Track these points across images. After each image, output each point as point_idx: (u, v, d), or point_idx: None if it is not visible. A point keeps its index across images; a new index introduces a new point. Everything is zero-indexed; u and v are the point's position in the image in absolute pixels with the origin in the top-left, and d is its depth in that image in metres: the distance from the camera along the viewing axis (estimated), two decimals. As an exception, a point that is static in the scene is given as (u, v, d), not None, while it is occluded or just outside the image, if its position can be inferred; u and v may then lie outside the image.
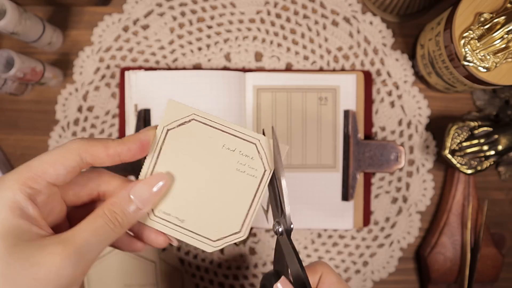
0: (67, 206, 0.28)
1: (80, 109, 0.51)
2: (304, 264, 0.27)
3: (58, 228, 0.26)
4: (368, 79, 0.50)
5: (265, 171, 0.28)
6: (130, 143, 0.27)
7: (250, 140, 0.28)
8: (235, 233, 0.28)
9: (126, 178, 0.29)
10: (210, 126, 0.28)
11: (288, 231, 0.28)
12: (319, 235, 0.52)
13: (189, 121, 0.28)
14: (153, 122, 0.47)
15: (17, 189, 0.24)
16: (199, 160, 0.28)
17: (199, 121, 0.28)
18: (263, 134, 0.29)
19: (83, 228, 0.25)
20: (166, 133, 0.28)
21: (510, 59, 0.39)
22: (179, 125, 0.28)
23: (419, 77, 0.51)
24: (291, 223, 0.28)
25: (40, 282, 0.22)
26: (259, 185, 0.28)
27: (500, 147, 0.46)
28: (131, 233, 0.30)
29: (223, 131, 0.28)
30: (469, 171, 0.47)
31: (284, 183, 0.27)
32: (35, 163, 0.25)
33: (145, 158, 0.28)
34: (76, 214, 0.28)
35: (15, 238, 0.23)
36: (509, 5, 0.39)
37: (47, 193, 0.25)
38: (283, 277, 0.27)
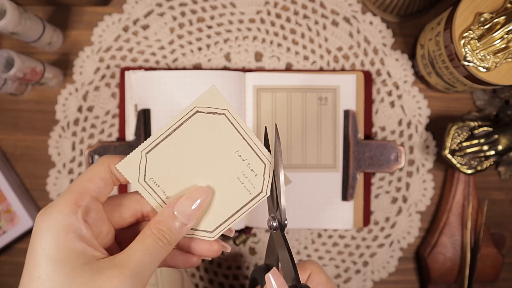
0: (114, 229, 0.29)
1: (80, 109, 0.51)
2: (296, 261, 0.27)
3: (108, 251, 0.27)
4: (368, 79, 0.50)
5: (261, 192, 0.29)
6: None
7: (262, 158, 0.28)
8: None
9: None
10: (235, 127, 0.28)
11: (282, 226, 0.28)
12: (319, 235, 0.52)
13: (220, 114, 0.28)
14: (153, 122, 0.47)
15: (68, 211, 0.25)
16: (208, 153, 0.28)
17: (228, 118, 0.28)
18: (265, 131, 0.29)
19: (135, 249, 0.25)
20: (195, 113, 0.28)
21: (510, 59, 0.39)
22: (209, 112, 0.28)
23: (419, 77, 0.51)
24: (286, 219, 0.28)
25: None
26: (249, 202, 0.29)
27: (500, 147, 0.46)
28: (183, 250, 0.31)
29: (243, 138, 0.28)
30: (469, 171, 0.47)
31: (282, 178, 0.28)
32: (76, 184, 0.26)
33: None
34: (124, 236, 0.29)
35: (72, 262, 0.24)
36: (509, 5, 0.39)
37: (95, 209, 0.26)
38: (274, 268, 0.27)
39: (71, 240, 0.24)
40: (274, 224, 0.29)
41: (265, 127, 0.29)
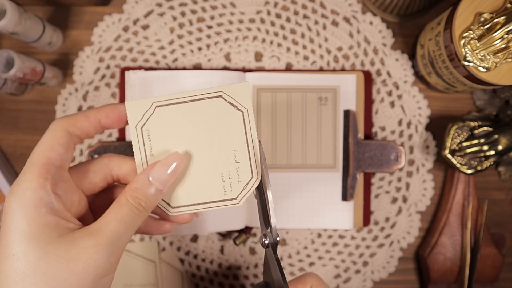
0: (86, 196, 0.28)
1: (80, 109, 0.51)
2: (297, 268, 0.27)
3: (83, 220, 0.27)
4: (368, 79, 0.50)
5: (234, 199, 0.29)
6: (107, 110, 0.28)
7: (253, 170, 0.28)
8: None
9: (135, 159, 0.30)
10: (245, 129, 0.28)
11: (274, 245, 0.28)
12: (319, 235, 0.52)
13: (239, 109, 0.28)
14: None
15: (35, 186, 0.24)
16: (208, 136, 0.28)
17: (243, 118, 0.28)
18: (259, 145, 0.29)
19: (109, 218, 0.25)
20: (217, 96, 0.28)
21: (510, 59, 0.39)
22: (230, 103, 0.28)
23: (419, 77, 0.51)
24: (277, 236, 0.28)
25: (79, 275, 0.23)
26: (219, 201, 0.29)
27: (500, 147, 0.46)
28: (156, 216, 0.31)
29: (247, 142, 0.28)
30: (469, 171, 0.47)
31: (270, 196, 0.27)
32: (36, 156, 0.25)
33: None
34: (97, 204, 0.29)
35: (46, 236, 0.24)
36: (509, 5, 0.39)
37: (63, 179, 0.26)
38: None
39: (43, 214, 0.24)
40: (266, 242, 0.28)
41: (259, 140, 0.29)
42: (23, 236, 0.23)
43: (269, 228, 0.28)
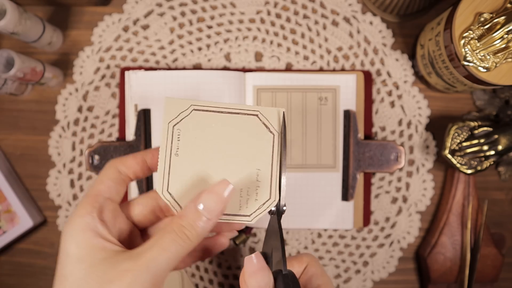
0: (139, 228, 0.30)
1: (80, 109, 0.51)
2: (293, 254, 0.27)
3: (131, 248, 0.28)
4: (368, 79, 0.50)
5: (247, 216, 0.29)
6: (153, 150, 0.30)
7: (272, 192, 0.29)
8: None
9: None
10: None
11: (280, 211, 0.29)
12: (319, 235, 0.52)
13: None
14: (153, 122, 0.47)
15: (84, 213, 0.26)
16: (237, 150, 0.29)
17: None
18: (283, 116, 0.29)
19: (151, 243, 0.26)
20: (253, 114, 0.29)
21: (510, 59, 0.39)
22: (264, 124, 0.29)
23: (419, 77, 0.51)
24: (284, 204, 0.29)
25: None
26: (232, 215, 0.29)
27: (500, 147, 0.46)
28: (212, 233, 0.31)
29: (271, 164, 0.29)
30: (469, 171, 0.47)
31: (284, 162, 0.29)
32: (90, 190, 0.28)
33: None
34: (151, 235, 0.31)
35: (92, 258, 0.25)
36: (509, 5, 0.39)
37: (110, 209, 0.28)
38: (257, 252, 0.28)
39: (89, 237, 0.26)
40: (273, 209, 0.29)
41: (283, 111, 0.29)
42: (72, 257, 0.25)
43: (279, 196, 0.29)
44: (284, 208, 0.29)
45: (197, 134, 0.29)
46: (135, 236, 0.30)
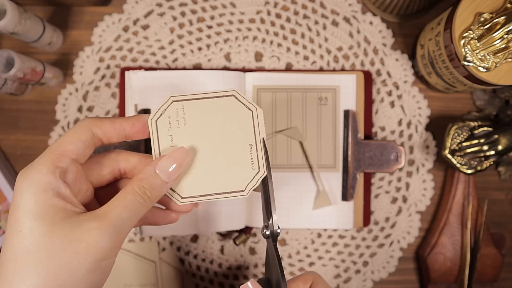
0: (93, 186, 0.30)
1: (80, 109, 0.51)
2: (297, 268, 0.28)
3: (88, 208, 0.28)
4: (368, 79, 0.50)
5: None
6: (134, 120, 0.30)
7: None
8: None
9: (143, 154, 0.31)
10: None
11: (274, 235, 0.29)
12: (319, 235, 0.52)
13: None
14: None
15: (46, 171, 0.26)
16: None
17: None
18: (263, 142, 0.31)
19: (115, 204, 0.27)
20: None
21: (510, 59, 0.39)
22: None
23: (419, 77, 0.51)
24: (278, 228, 0.29)
25: (80, 255, 0.24)
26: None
27: (500, 147, 0.46)
28: (162, 207, 0.32)
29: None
30: (469, 171, 0.47)
31: (272, 188, 0.30)
32: (55, 145, 0.27)
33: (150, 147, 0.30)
34: (103, 194, 0.31)
35: (52, 216, 0.25)
36: (509, 5, 0.39)
37: (74, 170, 0.27)
38: (252, 279, 0.29)
39: (50, 197, 0.25)
40: (267, 233, 0.30)
41: (263, 138, 0.31)
42: (30, 214, 0.25)
43: (271, 219, 0.29)
44: (278, 231, 0.29)
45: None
46: (90, 195, 0.30)
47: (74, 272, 0.24)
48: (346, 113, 0.49)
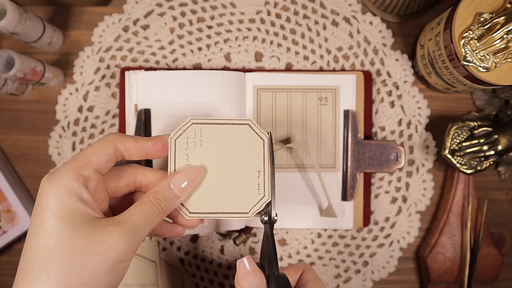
0: (110, 197, 0.32)
1: (80, 109, 0.51)
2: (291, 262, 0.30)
3: (104, 216, 0.30)
4: (368, 79, 0.50)
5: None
6: (155, 140, 0.32)
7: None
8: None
9: (159, 170, 0.33)
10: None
11: (272, 221, 0.33)
12: (319, 235, 0.52)
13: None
14: (153, 122, 0.47)
15: (71, 178, 0.28)
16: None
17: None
18: (270, 136, 0.34)
19: (133, 212, 0.29)
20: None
21: (510, 59, 0.39)
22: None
23: (419, 77, 0.51)
24: (276, 214, 0.33)
25: (102, 256, 0.26)
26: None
27: (499, 147, 0.46)
28: (170, 220, 0.35)
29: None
30: (469, 171, 0.47)
31: (274, 176, 0.33)
32: (81, 155, 0.29)
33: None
34: (117, 205, 0.33)
35: (76, 219, 0.27)
36: (509, 5, 0.39)
37: (95, 179, 0.29)
38: (248, 255, 0.31)
39: (74, 201, 0.27)
40: (265, 218, 0.33)
41: (269, 132, 0.34)
42: (56, 216, 0.27)
43: (269, 206, 0.32)
44: (276, 218, 0.33)
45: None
46: (106, 204, 0.31)
47: (95, 272, 0.26)
48: (346, 113, 0.49)
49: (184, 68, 0.51)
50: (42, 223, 0.27)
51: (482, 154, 0.46)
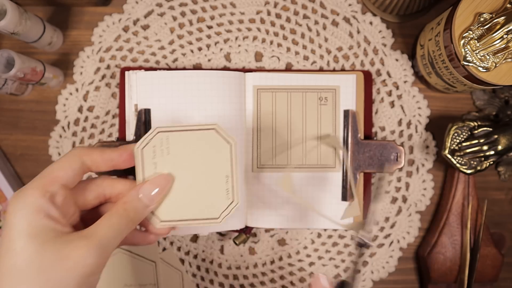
0: (80, 209, 0.32)
1: (80, 109, 0.51)
2: (297, 268, 0.32)
3: (75, 229, 0.30)
4: (368, 79, 0.50)
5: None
6: (121, 150, 0.32)
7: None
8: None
9: (128, 180, 0.33)
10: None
11: (364, 245, 0.36)
12: (319, 235, 0.52)
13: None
14: (153, 122, 0.47)
15: (37, 195, 0.28)
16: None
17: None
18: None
19: (101, 224, 0.29)
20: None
21: (510, 59, 0.39)
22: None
23: (419, 77, 0.51)
24: (371, 239, 0.36)
25: (69, 271, 0.26)
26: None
27: (499, 147, 0.46)
28: (143, 229, 0.35)
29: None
30: (469, 171, 0.47)
31: (374, 211, 0.36)
32: (47, 171, 0.29)
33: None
34: (89, 217, 0.33)
35: (44, 236, 0.27)
36: (509, 5, 0.39)
37: (63, 194, 0.29)
38: (325, 276, 0.33)
39: (41, 218, 0.27)
40: (361, 241, 0.36)
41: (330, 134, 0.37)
42: (23, 233, 0.27)
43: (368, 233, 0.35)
44: (372, 244, 0.36)
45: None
46: (77, 217, 0.31)
47: (64, 287, 0.26)
48: (346, 113, 0.49)
49: (184, 68, 0.51)
50: (10, 241, 0.27)
51: (482, 154, 0.46)
